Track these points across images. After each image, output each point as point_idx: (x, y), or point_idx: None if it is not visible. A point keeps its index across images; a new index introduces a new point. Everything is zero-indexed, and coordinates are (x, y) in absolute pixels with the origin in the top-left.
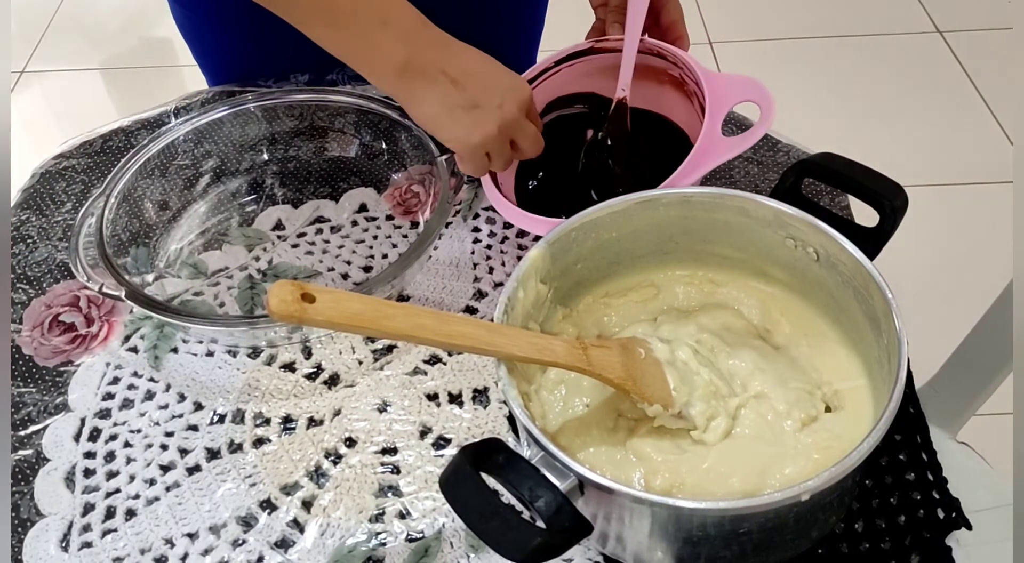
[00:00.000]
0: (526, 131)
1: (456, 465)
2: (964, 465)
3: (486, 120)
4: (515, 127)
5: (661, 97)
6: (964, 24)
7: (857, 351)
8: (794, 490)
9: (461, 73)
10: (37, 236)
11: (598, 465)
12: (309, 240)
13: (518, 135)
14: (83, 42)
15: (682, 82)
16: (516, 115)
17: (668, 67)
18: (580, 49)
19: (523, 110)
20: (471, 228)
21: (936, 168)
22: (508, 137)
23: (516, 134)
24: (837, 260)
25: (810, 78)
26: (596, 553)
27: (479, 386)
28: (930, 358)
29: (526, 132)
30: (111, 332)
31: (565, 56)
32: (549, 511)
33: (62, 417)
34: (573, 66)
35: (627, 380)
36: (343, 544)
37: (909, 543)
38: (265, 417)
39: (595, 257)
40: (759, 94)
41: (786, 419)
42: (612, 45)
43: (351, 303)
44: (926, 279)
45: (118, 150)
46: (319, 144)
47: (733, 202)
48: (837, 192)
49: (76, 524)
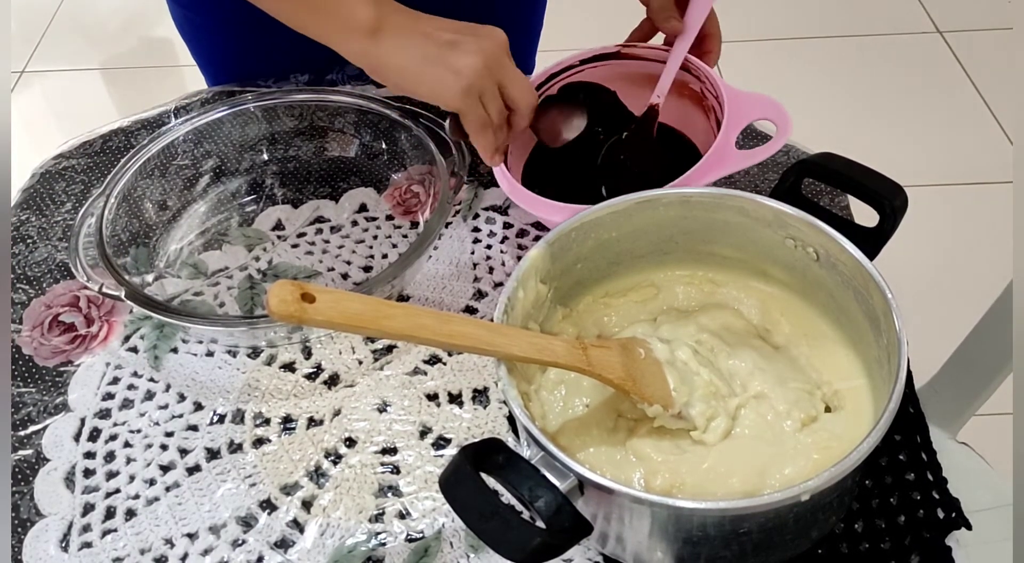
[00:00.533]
0: (513, 74)
1: (456, 465)
2: (964, 465)
3: (468, 54)
4: (500, 65)
5: (678, 110)
6: (964, 24)
7: (857, 351)
8: (794, 490)
9: (433, 28)
10: (37, 236)
11: (598, 465)
12: (309, 240)
13: (505, 77)
14: (83, 42)
15: (702, 97)
16: (498, 51)
17: (690, 81)
18: (607, 51)
19: (504, 50)
20: (471, 228)
21: (936, 168)
22: (496, 77)
23: (503, 75)
24: (837, 260)
25: (810, 78)
26: (596, 553)
27: (479, 386)
28: (930, 358)
29: (514, 75)
30: (111, 332)
31: (591, 57)
32: (549, 511)
33: (62, 417)
34: (598, 68)
35: (627, 380)
36: (343, 544)
37: (909, 543)
38: (265, 417)
39: (595, 257)
40: (776, 113)
41: (786, 419)
42: (639, 52)
43: (351, 303)
44: (926, 279)
45: (118, 150)
46: (319, 144)
47: (733, 202)
48: (837, 192)
49: (76, 524)
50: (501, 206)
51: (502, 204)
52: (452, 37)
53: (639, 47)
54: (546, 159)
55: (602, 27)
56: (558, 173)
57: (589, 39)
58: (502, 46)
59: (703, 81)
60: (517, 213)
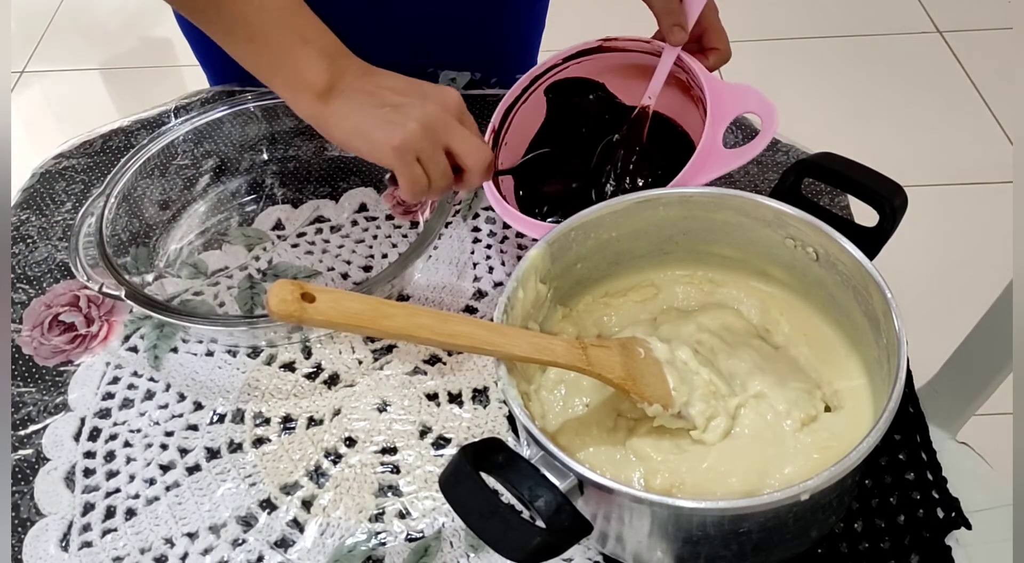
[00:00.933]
0: (461, 134)
1: (456, 465)
2: (964, 465)
3: (407, 115)
4: (443, 126)
5: (669, 99)
6: (964, 24)
7: (857, 351)
8: (794, 490)
9: (384, 88)
10: (37, 236)
11: (598, 465)
12: (309, 240)
13: (452, 138)
14: (83, 42)
15: (688, 86)
16: (441, 113)
17: (676, 71)
18: (589, 47)
19: (451, 112)
20: (471, 228)
21: (936, 168)
22: (438, 140)
23: (449, 136)
24: (837, 260)
25: (810, 78)
26: (596, 553)
27: (479, 386)
28: (930, 358)
29: (461, 135)
30: (111, 332)
31: (575, 53)
32: (549, 511)
33: (62, 417)
34: (581, 63)
35: (627, 380)
36: (343, 544)
37: (909, 543)
38: (265, 417)
39: (595, 257)
40: (760, 105)
41: (786, 419)
42: (621, 45)
43: (351, 302)
44: (926, 279)
45: (118, 150)
46: (319, 144)
47: (733, 202)
48: (837, 192)
49: (76, 524)
50: None
51: None
52: (399, 100)
53: (620, 39)
54: (539, 164)
55: (605, 25)
56: (551, 177)
57: (594, 36)
58: (449, 108)
59: (687, 72)
60: None
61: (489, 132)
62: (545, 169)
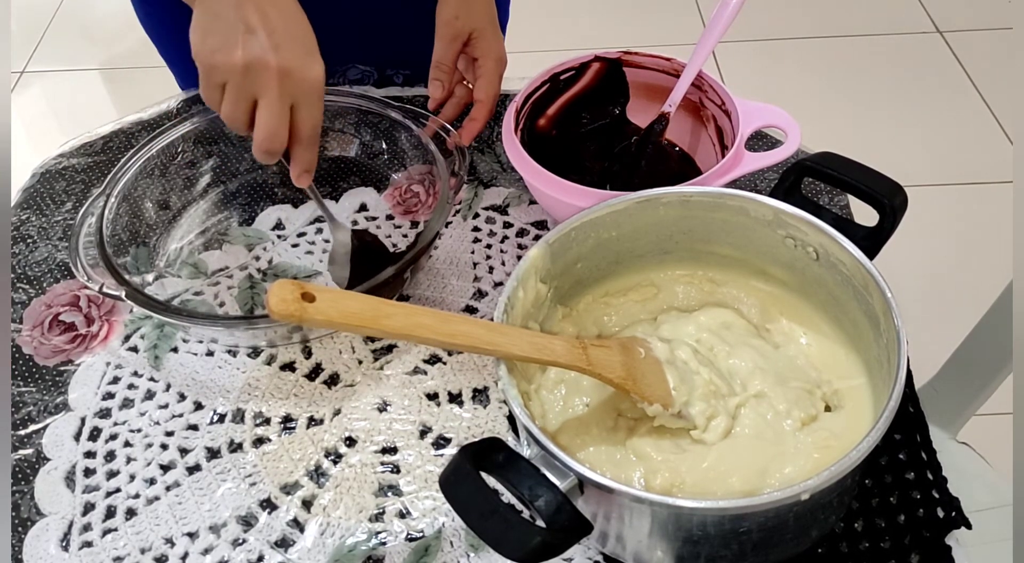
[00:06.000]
0: (269, 103)
1: (456, 464)
2: (964, 465)
3: (246, 47)
4: (265, 83)
5: (679, 122)
6: (964, 24)
7: (857, 350)
8: (794, 489)
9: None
10: (37, 236)
11: (598, 464)
12: (309, 240)
13: (262, 100)
14: (83, 42)
15: (700, 106)
16: (279, 72)
17: (689, 91)
18: (609, 57)
19: (291, 79)
20: (471, 228)
21: (936, 168)
22: (250, 89)
23: (261, 95)
24: (837, 259)
25: (810, 78)
26: (596, 552)
27: (479, 386)
28: (930, 358)
29: (269, 105)
30: (111, 332)
31: (568, 69)
32: (549, 510)
33: (62, 416)
34: None
35: (627, 380)
36: (343, 543)
37: (909, 542)
38: (265, 417)
39: (595, 256)
40: (784, 122)
41: (786, 418)
42: (639, 61)
43: (351, 302)
44: (926, 279)
45: (118, 150)
46: (319, 144)
47: (733, 202)
48: (837, 192)
49: (76, 523)
50: (501, 206)
51: (502, 204)
52: (260, 33)
53: (640, 54)
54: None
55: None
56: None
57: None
58: (292, 75)
59: (704, 90)
60: (517, 213)
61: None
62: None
